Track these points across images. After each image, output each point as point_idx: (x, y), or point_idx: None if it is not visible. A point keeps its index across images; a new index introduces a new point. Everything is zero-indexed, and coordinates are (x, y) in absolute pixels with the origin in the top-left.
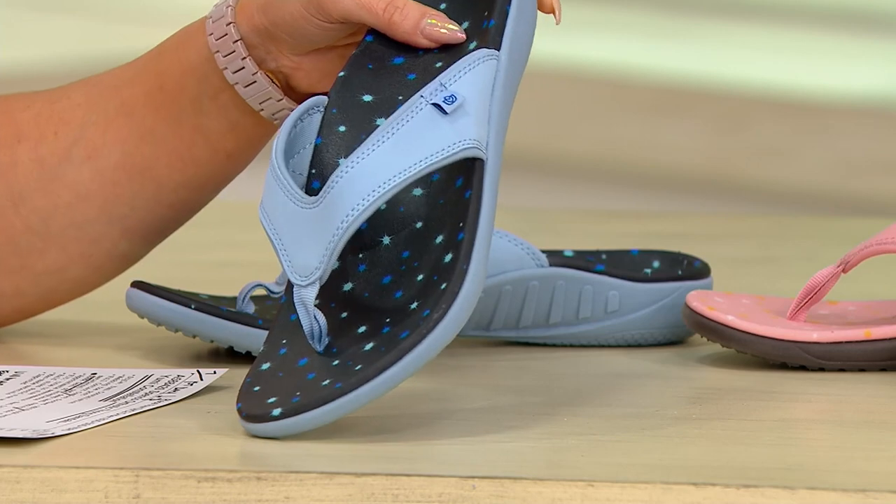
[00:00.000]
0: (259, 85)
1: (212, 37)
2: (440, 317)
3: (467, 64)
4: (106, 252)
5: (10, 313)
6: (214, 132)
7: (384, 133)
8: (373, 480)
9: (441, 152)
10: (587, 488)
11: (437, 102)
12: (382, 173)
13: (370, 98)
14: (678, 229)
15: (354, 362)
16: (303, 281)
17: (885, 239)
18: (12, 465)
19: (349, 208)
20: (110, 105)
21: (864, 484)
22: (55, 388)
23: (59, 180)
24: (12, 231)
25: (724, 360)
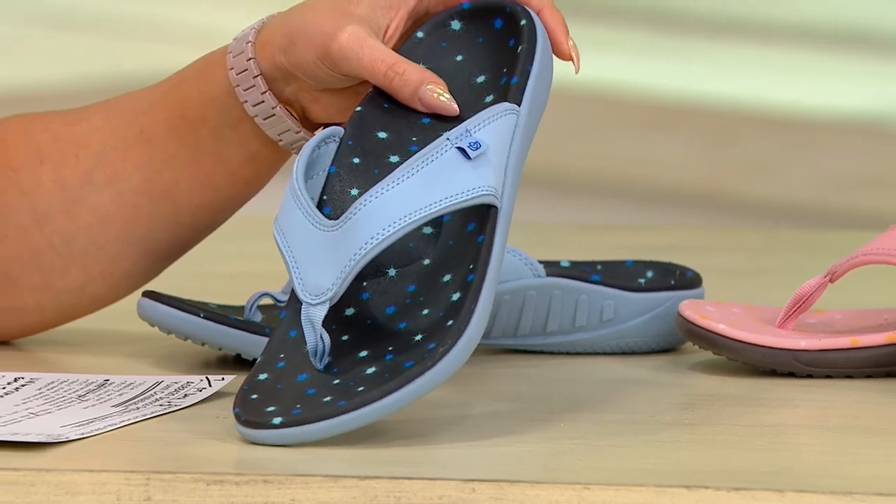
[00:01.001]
0: (278, 118)
1: (232, 71)
2: (446, 351)
3: (491, 115)
4: (124, 271)
5: (31, 325)
6: (234, 160)
7: (410, 168)
8: (376, 483)
9: (462, 195)
10: (583, 491)
11: (463, 147)
12: (405, 207)
13: (385, 135)
14: (670, 241)
15: (357, 384)
16: (313, 300)
17: (870, 250)
18: (27, 469)
19: (369, 236)
20: (130, 132)
21: (850, 487)
22: (69, 395)
23: (80, 202)
24: (36, 249)
25: (715, 368)
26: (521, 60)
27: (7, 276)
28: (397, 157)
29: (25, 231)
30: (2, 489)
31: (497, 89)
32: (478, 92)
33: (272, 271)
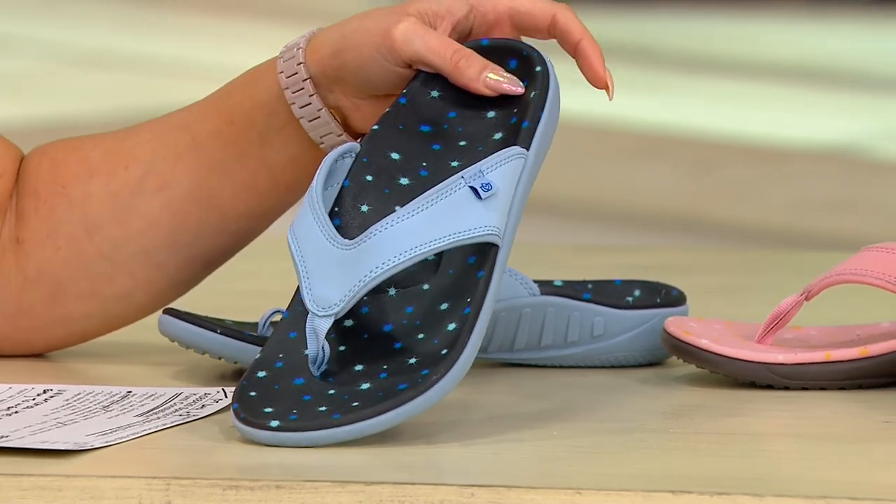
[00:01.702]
0: (322, 120)
1: (282, 74)
2: (438, 378)
3: (502, 158)
4: (169, 279)
5: (76, 335)
6: (277, 164)
7: (426, 202)
8: (381, 488)
9: (468, 232)
10: (575, 496)
11: (475, 187)
12: (417, 238)
13: (398, 156)
14: (656, 262)
15: (351, 398)
16: (319, 311)
17: (844, 270)
18: (55, 475)
19: (381, 261)
20: (180, 140)
21: (825, 491)
22: (94, 405)
23: (131, 210)
24: (85, 258)
25: (698, 380)
26: (533, 107)
27: (57, 284)
28: (407, 180)
29: (76, 240)
30: (32, 493)
31: (507, 128)
32: (487, 125)
33: (284, 290)
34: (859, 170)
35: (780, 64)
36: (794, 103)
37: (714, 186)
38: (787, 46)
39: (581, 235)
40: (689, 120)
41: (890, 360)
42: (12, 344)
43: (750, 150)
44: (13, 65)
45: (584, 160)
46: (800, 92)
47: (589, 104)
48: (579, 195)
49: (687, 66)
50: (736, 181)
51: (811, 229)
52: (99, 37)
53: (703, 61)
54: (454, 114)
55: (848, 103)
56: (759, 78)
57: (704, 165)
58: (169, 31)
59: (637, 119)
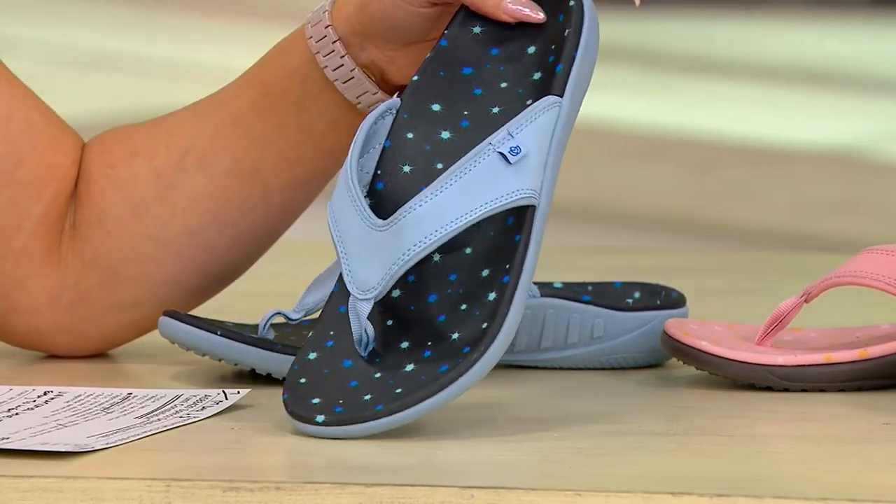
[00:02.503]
0: (357, 80)
1: (311, 39)
2: (478, 357)
3: (533, 114)
4: (217, 259)
5: (129, 324)
6: (317, 130)
7: (453, 176)
8: (381, 490)
9: (500, 199)
10: (575, 497)
11: (503, 152)
12: (448, 215)
13: (438, 108)
14: (657, 263)
15: (396, 383)
16: (360, 294)
17: (844, 272)
18: (56, 476)
19: (413, 242)
20: (218, 116)
21: (824, 493)
22: (95, 407)
23: (175, 188)
24: (133, 240)
25: (698, 382)
26: (567, 47)
27: (109, 269)
28: (448, 133)
29: (123, 224)
30: (32, 495)
31: (545, 67)
32: (528, 63)
33: (284, 291)
34: (860, 171)
35: (782, 66)
36: (796, 105)
37: (715, 188)
38: (788, 48)
39: (581, 237)
40: (691, 121)
41: (890, 361)
42: (70, 337)
43: (751, 151)
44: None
45: (585, 161)
46: (801, 94)
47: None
48: (580, 196)
49: (688, 67)
50: (737, 182)
51: (812, 231)
52: (98, 38)
53: (704, 63)
54: (496, 50)
55: (849, 105)
56: (761, 80)
57: (705, 167)
58: (168, 33)
59: (638, 120)
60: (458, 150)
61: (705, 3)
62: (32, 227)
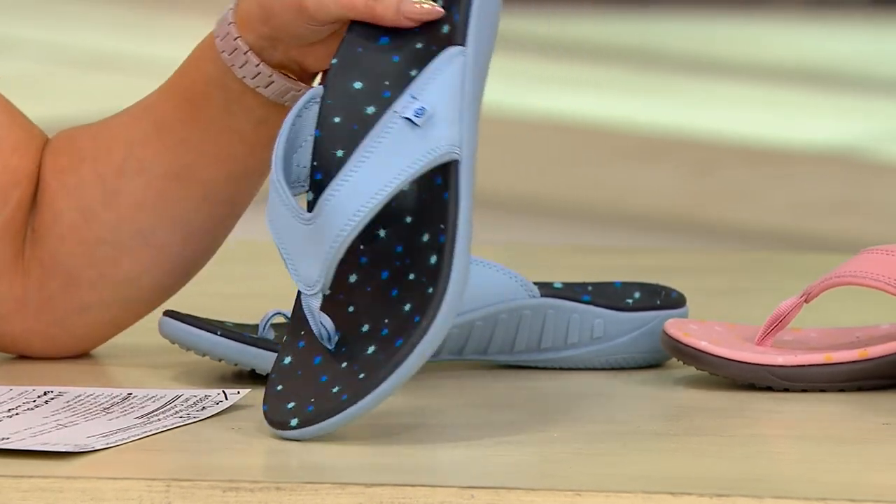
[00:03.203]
0: (277, 83)
1: (224, 53)
2: (428, 325)
3: (436, 68)
4: (173, 256)
5: (98, 323)
6: (246, 129)
7: (365, 153)
8: (381, 490)
9: (414, 165)
10: (575, 497)
11: (408, 116)
12: (365, 193)
13: (360, 85)
14: (657, 263)
15: (360, 368)
16: (307, 290)
17: (844, 272)
18: (56, 477)
19: (339, 228)
20: (147, 123)
21: (824, 493)
22: (95, 407)
23: (119, 193)
24: (87, 244)
25: (698, 382)
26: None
27: (68, 273)
28: (374, 108)
29: (76, 228)
30: (32, 495)
31: (451, 24)
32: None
33: (283, 291)
34: (860, 171)
35: (782, 66)
36: (796, 105)
37: (715, 188)
38: (788, 48)
39: (581, 237)
40: (691, 121)
41: (890, 361)
42: (42, 339)
43: (751, 151)
44: (13, 66)
45: (585, 161)
46: (801, 94)
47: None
48: (580, 196)
49: (688, 67)
50: (737, 183)
51: (812, 231)
52: (98, 38)
53: (704, 63)
54: None
55: (849, 105)
56: (761, 80)
57: (705, 167)
58: (168, 33)
59: (638, 120)
60: None
61: (705, 3)
62: None
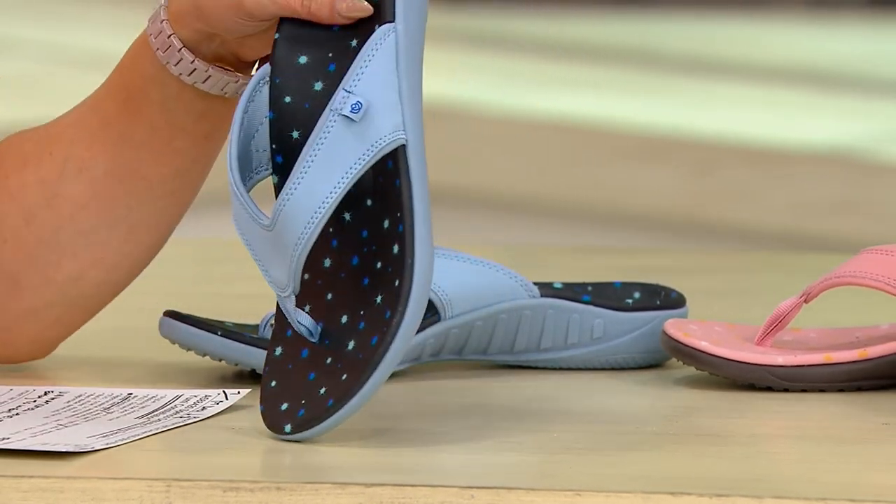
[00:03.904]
0: (214, 77)
1: (158, 51)
2: (399, 321)
3: (367, 55)
4: (116, 251)
5: (51, 326)
6: (188, 123)
7: (309, 156)
8: (381, 490)
9: (360, 162)
10: (575, 497)
11: (346, 114)
12: (317, 196)
13: (305, 59)
14: (656, 264)
15: (342, 367)
16: (280, 292)
17: (843, 272)
18: (56, 477)
19: (297, 235)
20: (91, 122)
21: (824, 493)
22: (95, 407)
23: (59, 195)
24: (27, 247)
25: (698, 382)
26: None
27: (11, 278)
28: (321, 83)
29: (18, 231)
30: (33, 495)
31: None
32: None
33: None
34: (860, 172)
35: (781, 66)
36: (795, 105)
37: (715, 188)
38: (787, 49)
39: (581, 237)
40: (691, 122)
41: (889, 362)
42: None
43: (751, 152)
44: (13, 66)
45: (585, 162)
46: (800, 94)
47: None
48: (580, 197)
49: (688, 68)
50: (737, 183)
51: (812, 231)
52: (98, 39)
53: (704, 64)
54: None
55: (848, 105)
56: (760, 80)
57: (705, 167)
58: None
59: (638, 121)
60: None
61: (705, 3)
62: None
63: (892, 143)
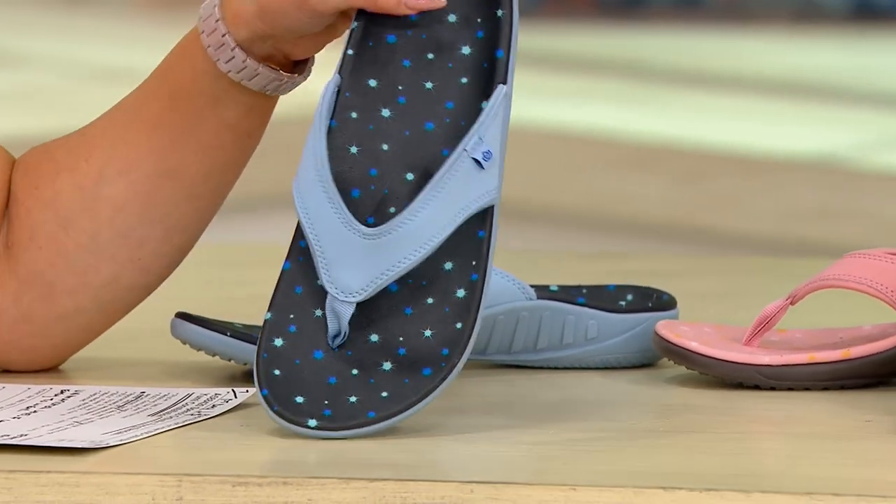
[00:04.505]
0: (262, 75)
1: (210, 48)
2: (457, 361)
3: (494, 112)
4: (152, 252)
5: (75, 330)
6: (233, 117)
7: (438, 187)
8: (384, 485)
9: (473, 203)
10: (570, 492)
11: (477, 158)
12: (435, 225)
13: (375, 83)
14: (648, 268)
15: (378, 384)
16: (342, 297)
17: (828, 276)
18: (72, 472)
19: (404, 255)
20: (131, 124)
21: (809, 487)
22: (109, 405)
23: (98, 199)
24: (66, 253)
25: (688, 381)
26: (505, 30)
27: (47, 284)
28: (388, 111)
29: (54, 238)
30: (50, 489)
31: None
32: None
33: None
34: (843, 180)
35: (767, 79)
36: (780, 116)
37: (704, 196)
38: (773, 62)
39: (576, 243)
40: (680, 132)
41: (871, 361)
42: (20, 352)
43: (738, 161)
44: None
45: (580, 171)
46: (785, 105)
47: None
48: (575, 204)
49: (678, 81)
50: (724, 190)
51: (796, 237)
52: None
53: (693, 76)
54: (415, 16)
55: (832, 116)
56: (747, 92)
57: (694, 176)
58: None
59: (631, 131)
60: (400, 128)
61: (694, 19)
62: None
63: (874, 151)
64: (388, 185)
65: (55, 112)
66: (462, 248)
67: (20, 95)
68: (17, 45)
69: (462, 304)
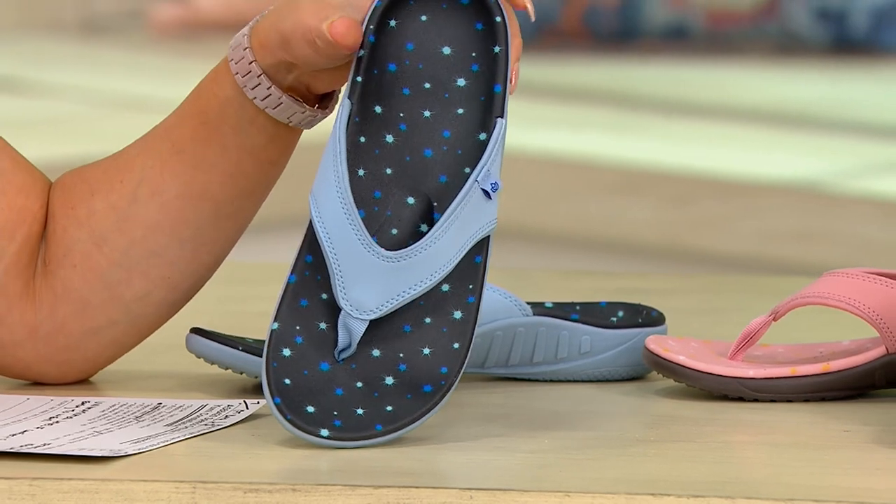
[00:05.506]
0: (285, 105)
1: (238, 75)
2: (455, 379)
3: (496, 144)
4: (181, 272)
5: (107, 344)
6: (257, 146)
7: (452, 217)
8: (388, 491)
9: (479, 231)
10: (564, 498)
11: (486, 189)
12: (449, 251)
13: (380, 109)
14: (638, 286)
15: (382, 398)
16: (357, 314)
17: (809, 293)
18: (92, 479)
19: (421, 278)
20: (163, 148)
21: (791, 494)
22: (128, 416)
23: (131, 219)
24: (99, 269)
25: (676, 393)
26: (500, 66)
27: (80, 299)
28: (391, 137)
29: (88, 256)
30: (72, 496)
31: (468, 74)
32: (446, 66)
33: None
34: (822, 204)
35: (750, 108)
36: (763, 143)
37: (690, 219)
38: (756, 92)
39: (570, 262)
40: (668, 158)
41: (850, 374)
42: (55, 365)
43: (722, 185)
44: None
45: (572, 194)
46: (768, 133)
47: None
48: (568, 226)
49: (666, 109)
50: (710, 213)
51: (778, 257)
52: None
53: (680, 105)
54: (411, 46)
55: (812, 144)
56: (731, 121)
57: (681, 200)
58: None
59: (620, 157)
60: (402, 154)
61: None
62: (7, 266)
63: (852, 178)
64: (391, 207)
65: (82, 139)
66: (459, 272)
67: (48, 123)
68: (40, 76)
69: (459, 326)
